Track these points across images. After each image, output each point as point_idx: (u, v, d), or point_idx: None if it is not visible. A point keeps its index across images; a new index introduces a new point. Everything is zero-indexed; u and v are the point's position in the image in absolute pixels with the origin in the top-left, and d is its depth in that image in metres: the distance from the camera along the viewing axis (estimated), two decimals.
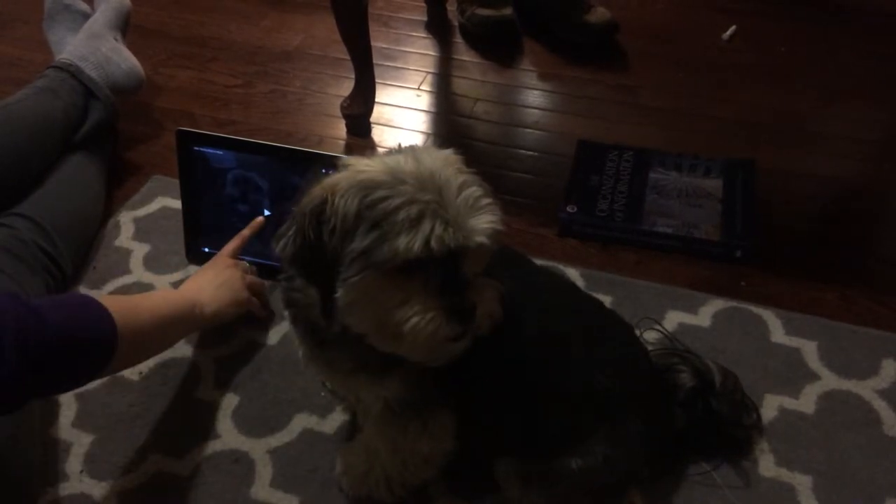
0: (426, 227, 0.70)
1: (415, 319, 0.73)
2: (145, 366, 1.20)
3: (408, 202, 0.71)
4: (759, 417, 1.10)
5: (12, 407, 0.81)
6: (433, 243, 0.70)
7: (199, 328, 1.17)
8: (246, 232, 1.26)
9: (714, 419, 1.03)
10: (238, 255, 1.25)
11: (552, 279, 1.06)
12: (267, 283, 1.28)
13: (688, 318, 1.25)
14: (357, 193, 0.72)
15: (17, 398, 0.81)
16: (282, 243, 0.77)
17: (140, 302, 1.04)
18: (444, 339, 0.75)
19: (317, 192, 0.76)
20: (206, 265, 1.21)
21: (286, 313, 0.94)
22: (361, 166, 0.75)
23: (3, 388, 0.78)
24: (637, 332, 1.11)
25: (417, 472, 0.98)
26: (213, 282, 1.16)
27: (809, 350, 1.20)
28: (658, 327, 1.19)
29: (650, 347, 1.11)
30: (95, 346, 0.87)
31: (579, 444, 0.91)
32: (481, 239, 0.73)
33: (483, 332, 0.78)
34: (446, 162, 0.76)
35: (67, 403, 1.16)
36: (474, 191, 0.74)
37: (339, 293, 0.74)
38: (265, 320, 1.26)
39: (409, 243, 0.70)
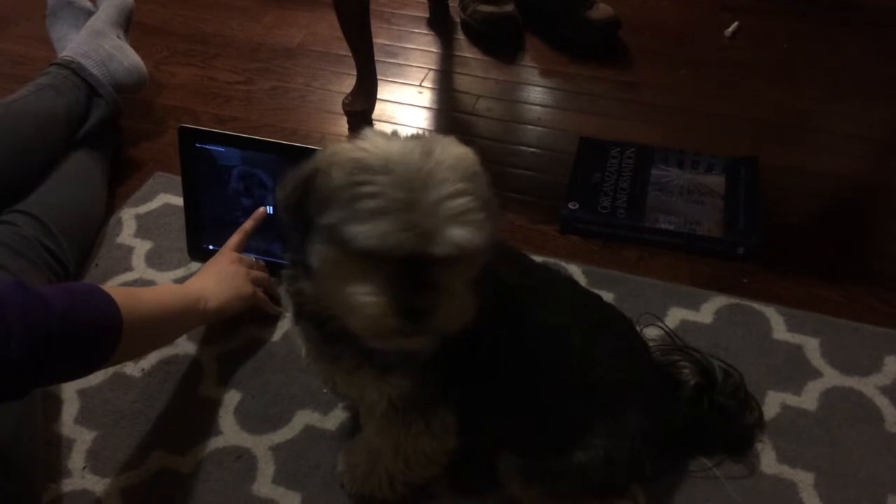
0: (383, 225, 0.69)
1: (359, 298, 0.73)
2: (147, 362, 1.21)
3: (376, 195, 0.69)
4: (761, 414, 1.10)
5: (19, 394, 0.82)
6: (390, 242, 0.69)
7: (203, 323, 1.16)
8: (248, 224, 1.26)
9: (719, 415, 1.03)
10: (242, 249, 1.25)
11: (550, 275, 1.05)
12: (273, 279, 1.27)
13: (690, 315, 1.25)
14: (346, 168, 0.72)
15: (24, 385, 0.82)
16: (279, 190, 0.80)
17: (144, 293, 1.05)
18: (388, 329, 0.73)
19: (324, 154, 0.76)
20: (211, 260, 1.21)
21: (288, 311, 0.93)
22: (365, 144, 0.73)
23: (11, 374, 0.78)
24: (637, 328, 1.11)
25: (420, 471, 0.98)
26: (217, 276, 1.17)
27: (812, 347, 1.20)
28: (659, 324, 1.19)
29: (651, 344, 1.11)
30: (100, 332, 0.87)
31: (581, 439, 0.91)
32: (449, 250, 0.70)
33: (447, 333, 0.76)
34: (456, 162, 0.72)
35: (70, 400, 1.16)
36: (463, 203, 0.70)
37: (308, 256, 0.76)
38: (276, 316, 1.26)
39: (366, 234, 0.69)
